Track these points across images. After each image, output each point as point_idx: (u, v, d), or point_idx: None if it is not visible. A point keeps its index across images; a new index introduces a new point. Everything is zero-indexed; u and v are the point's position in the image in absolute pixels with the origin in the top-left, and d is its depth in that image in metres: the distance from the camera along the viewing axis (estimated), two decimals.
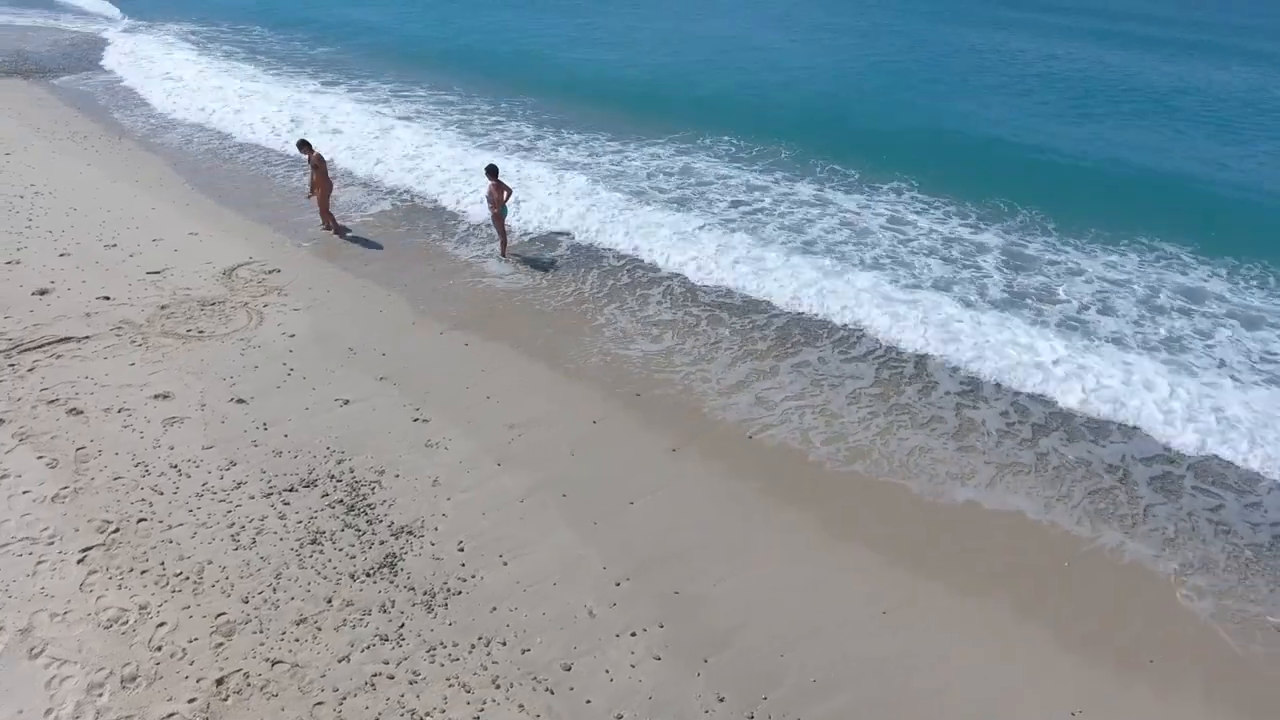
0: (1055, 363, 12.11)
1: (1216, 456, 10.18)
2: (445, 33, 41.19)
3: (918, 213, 19.07)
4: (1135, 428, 10.71)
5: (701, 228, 16.75)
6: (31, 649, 6.43)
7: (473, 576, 7.58)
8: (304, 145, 14.88)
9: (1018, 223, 18.35)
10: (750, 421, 10.44)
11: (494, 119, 25.21)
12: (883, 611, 7.60)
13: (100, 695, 6.11)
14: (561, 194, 18.36)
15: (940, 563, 8.26)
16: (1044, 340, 12.75)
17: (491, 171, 14.18)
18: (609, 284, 14.14)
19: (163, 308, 11.93)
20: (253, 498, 8.29)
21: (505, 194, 14.28)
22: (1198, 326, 14.04)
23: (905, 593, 7.83)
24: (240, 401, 9.88)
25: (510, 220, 15.36)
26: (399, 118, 24.72)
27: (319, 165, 14.74)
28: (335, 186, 16.13)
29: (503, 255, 14.83)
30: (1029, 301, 14.42)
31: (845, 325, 13.06)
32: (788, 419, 10.58)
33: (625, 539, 8.24)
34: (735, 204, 18.94)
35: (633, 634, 7.10)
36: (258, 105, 24.56)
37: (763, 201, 19.26)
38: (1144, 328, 13.85)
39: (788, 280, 14.30)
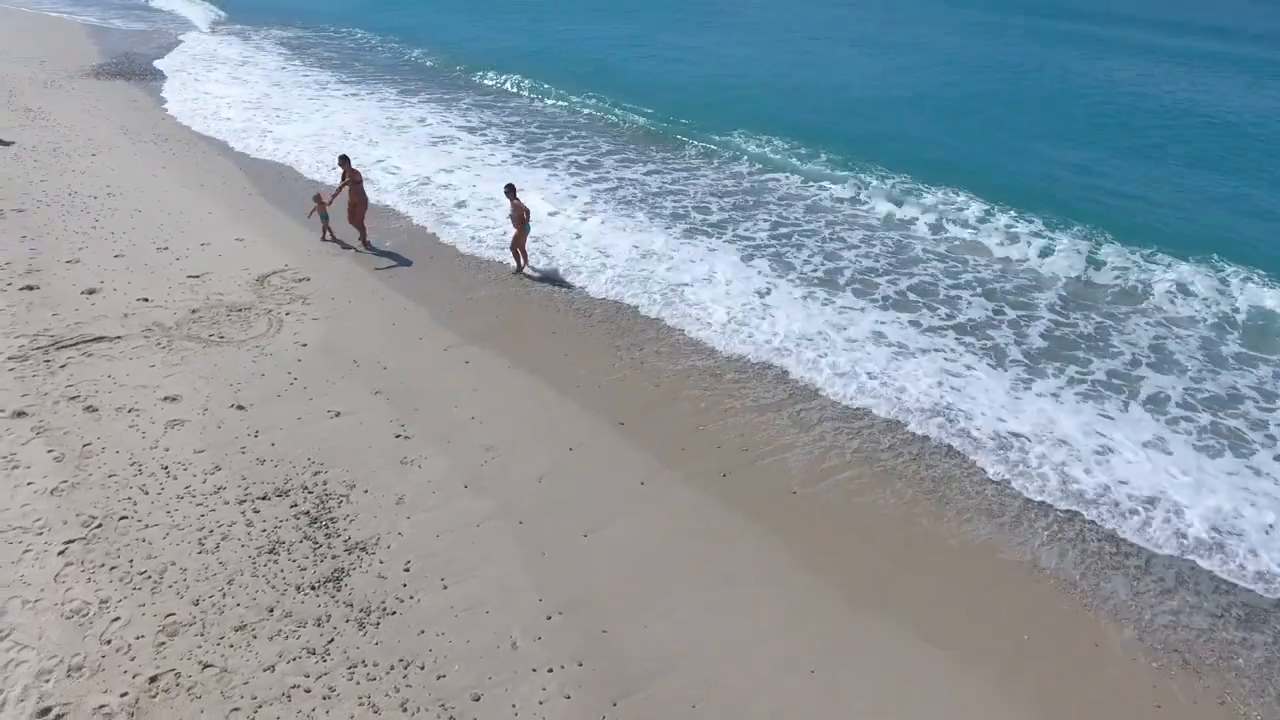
0: (1075, 440, 11.27)
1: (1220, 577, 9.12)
2: (531, 40, 42.19)
3: (986, 236, 18.66)
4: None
5: (739, 258, 16.71)
6: None
7: (411, 598, 7.89)
8: (344, 160, 15.65)
9: (1088, 252, 17.83)
10: (762, 444, 10.62)
11: (564, 133, 25.85)
12: (810, 671, 7.49)
13: (47, 682, 6.69)
14: (596, 215, 18.67)
15: (905, 614, 8.15)
16: (1067, 416, 11.81)
17: (510, 191, 14.57)
18: (630, 306, 14.37)
19: (193, 311, 12.80)
20: (227, 503, 8.84)
21: (526, 213, 14.65)
22: (1260, 379, 13.20)
23: (844, 650, 7.71)
24: (240, 408, 10.53)
25: (531, 241, 15.70)
26: (463, 128, 25.58)
27: (357, 181, 15.46)
28: (372, 200, 16.87)
29: (520, 272, 15.20)
30: (1079, 352, 13.75)
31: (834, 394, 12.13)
32: (821, 439, 10.81)
33: (569, 572, 8.40)
34: (776, 225, 18.88)
35: (549, 670, 7.25)
36: (330, 114, 25.89)
37: (816, 223, 19.17)
38: (1200, 384, 13.07)
39: (780, 324, 13.93)
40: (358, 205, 15.54)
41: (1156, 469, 10.81)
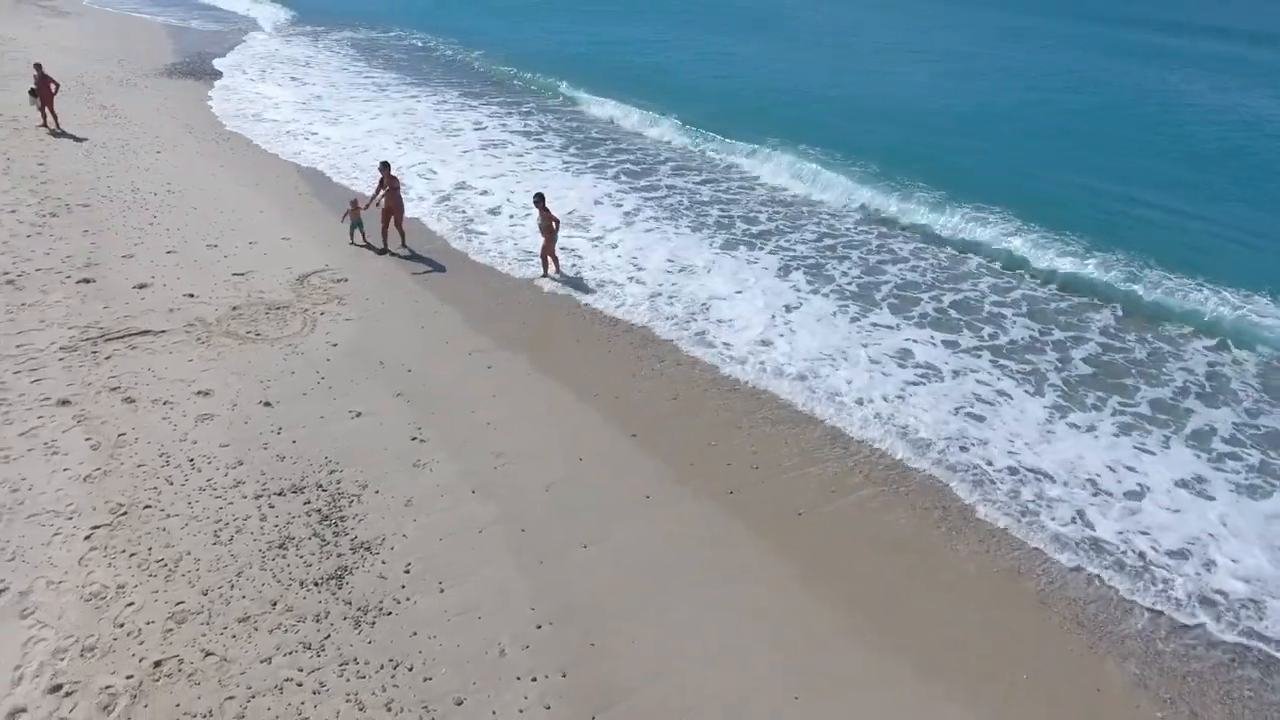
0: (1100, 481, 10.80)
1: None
2: (598, 49, 42.34)
3: (1041, 251, 18.07)
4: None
5: (776, 271, 16.59)
6: (24, 610, 7.55)
7: (408, 599, 8.11)
8: (385, 166, 16.08)
9: (1146, 274, 17.07)
10: (773, 463, 10.63)
11: (623, 139, 26.03)
12: (795, 697, 7.46)
13: (62, 660, 7.11)
14: (637, 224, 18.75)
15: (904, 640, 8.07)
16: (1102, 451, 11.35)
17: (539, 200, 14.82)
18: (658, 317, 14.40)
19: (234, 309, 13.35)
20: (245, 497, 9.22)
21: (555, 222, 14.87)
22: None
23: (837, 669, 7.68)
24: (267, 404, 10.96)
25: (564, 251, 15.89)
26: (518, 133, 25.85)
27: (394, 188, 15.85)
28: (409, 206, 17.30)
29: (544, 276, 15.42)
30: (1126, 380, 13.26)
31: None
32: (834, 459, 10.79)
33: (564, 582, 8.52)
34: (823, 236, 18.77)
35: (533, 679, 7.37)
36: (377, 116, 26.59)
37: (866, 234, 19.02)
38: (1254, 419, 12.45)
39: (806, 341, 13.75)
40: (394, 211, 15.94)
41: (1191, 512, 10.34)
